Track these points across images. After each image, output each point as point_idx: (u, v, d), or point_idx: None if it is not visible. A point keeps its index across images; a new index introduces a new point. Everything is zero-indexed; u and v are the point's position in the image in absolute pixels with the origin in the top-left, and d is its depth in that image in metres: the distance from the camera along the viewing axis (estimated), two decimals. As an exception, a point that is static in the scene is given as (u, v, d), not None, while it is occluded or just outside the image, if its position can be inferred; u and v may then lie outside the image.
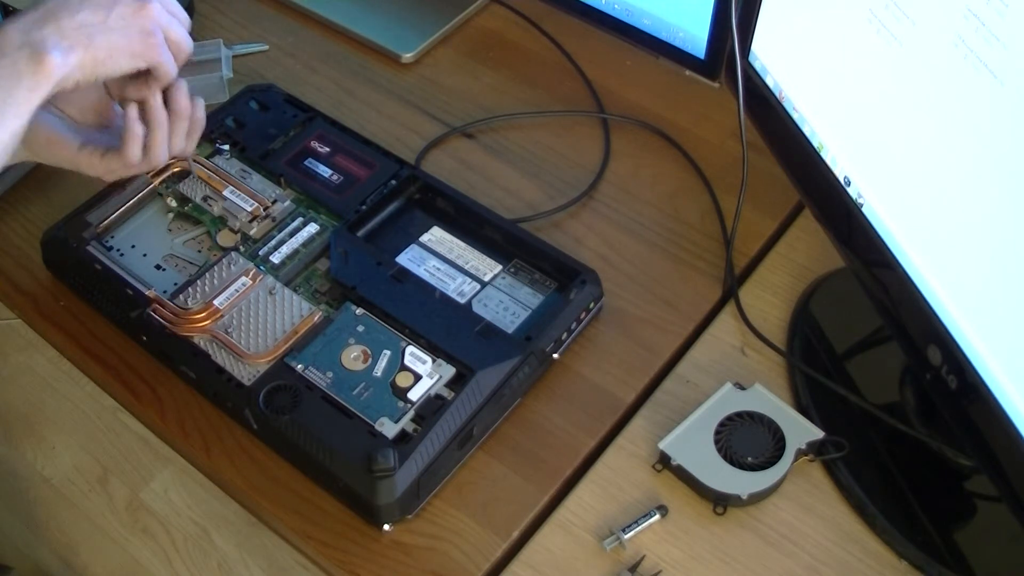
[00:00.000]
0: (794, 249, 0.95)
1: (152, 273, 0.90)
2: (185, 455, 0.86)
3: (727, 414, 0.81)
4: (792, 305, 0.90)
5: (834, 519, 0.78)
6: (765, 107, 0.88)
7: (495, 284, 0.89)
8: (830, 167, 0.81)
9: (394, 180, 0.95)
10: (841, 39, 0.76)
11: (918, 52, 0.68)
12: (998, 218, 0.63)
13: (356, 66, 1.13)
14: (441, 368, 0.81)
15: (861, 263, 0.81)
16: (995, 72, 0.61)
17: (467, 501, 0.80)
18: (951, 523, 0.78)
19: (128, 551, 1.38)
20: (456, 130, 1.06)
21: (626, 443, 0.83)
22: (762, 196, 0.96)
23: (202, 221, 0.93)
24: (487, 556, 0.77)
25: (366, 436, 0.77)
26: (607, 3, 1.03)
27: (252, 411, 0.80)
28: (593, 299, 0.88)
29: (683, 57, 1.00)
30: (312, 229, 0.92)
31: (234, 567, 1.34)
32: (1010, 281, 0.63)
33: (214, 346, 0.84)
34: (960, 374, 0.69)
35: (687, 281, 0.93)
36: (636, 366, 0.87)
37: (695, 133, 1.04)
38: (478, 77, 1.12)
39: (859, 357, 0.90)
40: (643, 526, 0.78)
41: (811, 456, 0.80)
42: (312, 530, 0.79)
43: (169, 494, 1.40)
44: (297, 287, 0.88)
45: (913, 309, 0.73)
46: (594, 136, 1.05)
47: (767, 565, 0.76)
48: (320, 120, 1.00)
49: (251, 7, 1.20)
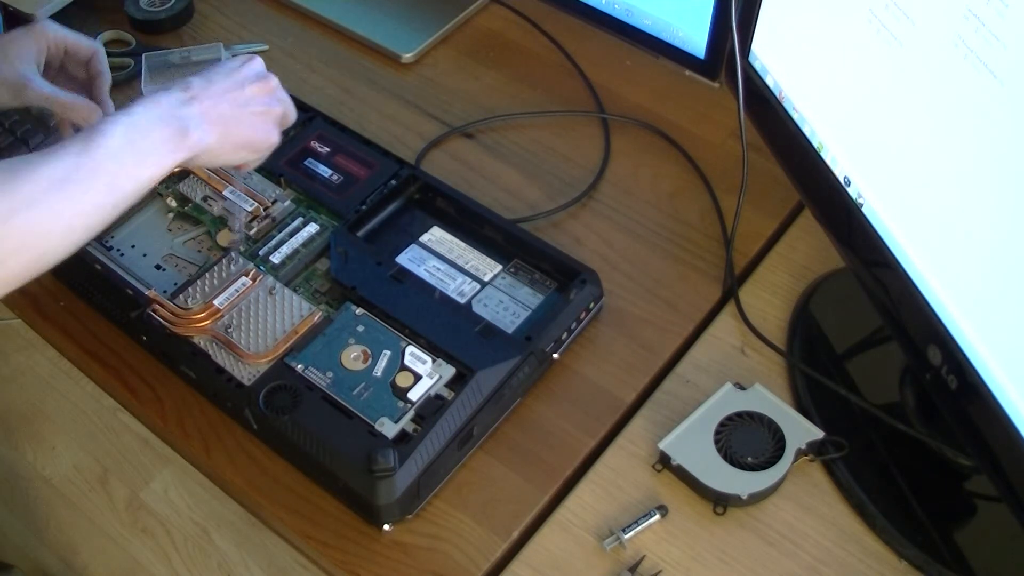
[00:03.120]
0: (794, 249, 0.95)
1: (152, 273, 0.90)
2: (185, 455, 0.86)
3: (727, 414, 0.81)
4: (792, 305, 0.90)
5: (834, 519, 0.78)
6: (765, 107, 0.88)
7: (495, 284, 0.89)
8: (830, 167, 0.81)
9: (394, 180, 0.95)
10: (841, 39, 0.76)
11: (918, 52, 0.68)
12: (998, 218, 0.63)
13: (356, 66, 1.13)
14: (441, 368, 0.81)
15: (861, 263, 0.81)
16: (995, 72, 0.61)
17: (467, 501, 0.80)
18: (951, 523, 0.78)
19: (128, 551, 1.38)
20: (456, 130, 1.06)
21: (626, 443, 0.83)
22: (762, 196, 0.96)
23: (202, 221, 0.93)
24: (487, 556, 0.77)
25: (366, 436, 0.77)
26: (607, 3, 1.03)
27: (252, 411, 0.80)
28: (593, 299, 0.88)
29: (683, 57, 1.00)
30: (312, 229, 0.92)
31: (234, 567, 1.34)
32: (1010, 281, 0.63)
33: (214, 346, 0.84)
34: (960, 374, 0.69)
35: (687, 281, 0.93)
36: (636, 366, 0.87)
37: (695, 133, 1.04)
38: (478, 77, 1.12)
39: (859, 357, 0.90)
40: (643, 526, 0.78)
41: (811, 456, 0.80)
42: (312, 530, 0.79)
43: (169, 494, 1.41)
44: (297, 287, 0.88)
45: (913, 309, 0.73)
46: (594, 136, 1.05)
47: (767, 565, 0.76)
48: (320, 120, 1.00)
49: (251, 7, 1.20)
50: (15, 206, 0.64)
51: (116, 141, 0.69)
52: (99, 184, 0.69)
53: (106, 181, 0.69)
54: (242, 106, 0.79)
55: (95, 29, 1.15)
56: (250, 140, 0.80)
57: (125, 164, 0.70)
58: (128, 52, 1.14)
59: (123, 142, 0.70)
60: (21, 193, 0.64)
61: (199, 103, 0.76)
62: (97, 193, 0.69)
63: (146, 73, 1.08)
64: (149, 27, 1.16)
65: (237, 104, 0.79)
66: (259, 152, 0.83)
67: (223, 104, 0.78)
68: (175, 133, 0.73)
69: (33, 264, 0.66)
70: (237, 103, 0.79)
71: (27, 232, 0.65)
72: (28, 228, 0.65)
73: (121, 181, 0.70)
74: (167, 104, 0.74)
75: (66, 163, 0.67)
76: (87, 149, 0.68)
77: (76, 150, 0.68)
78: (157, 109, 0.73)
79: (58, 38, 0.84)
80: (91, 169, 0.68)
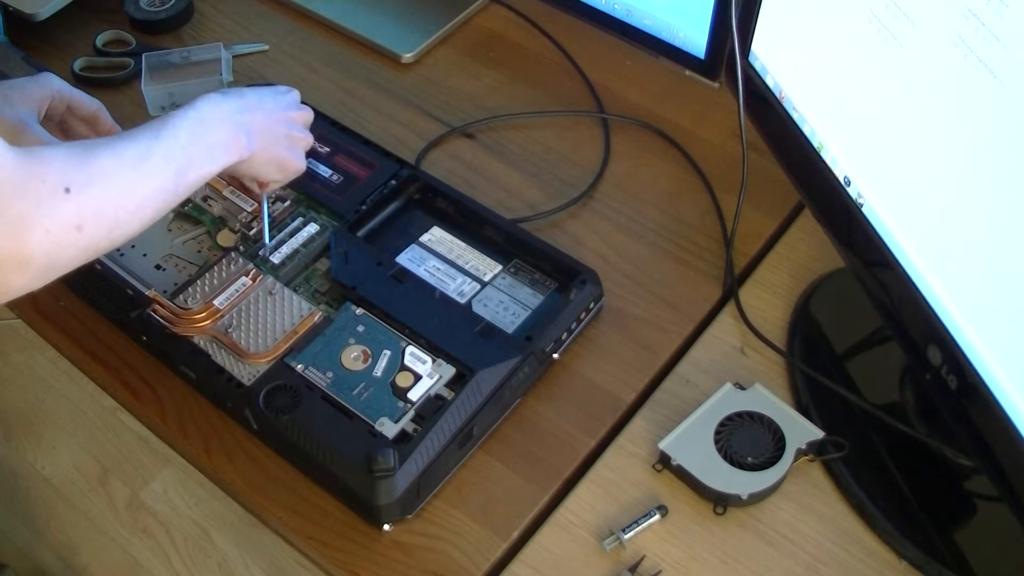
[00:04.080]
0: (794, 249, 0.95)
1: (152, 273, 0.90)
2: (185, 455, 0.86)
3: (727, 414, 0.81)
4: (792, 305, 0.90)
5: (834, 519, 0.78)
6: (765, 107, 0.88)
7: (495, 284, 0.89)
8: (830, 167, 0.81)
9: (394, 180, 0.95)
10: (841, 39, 0.76)
11: (918, 52, 0.68)
12: (998, 218, 0.63)
13: (356, 66, 1.13)
14: (441, 368, 0.81)
15: (861, 263, 0.81)
16: (995, 72, 0.61)
17: (467, 501, 0.80)
18: (951, 523, 0.78)
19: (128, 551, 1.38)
20: (456, 130, 1.06)
21: (626, 443, 0.83)
22: (762, 196, 0.96)
23: (202, 221, 0.93)
24: (487, 556, 0.77)
25: (366, 436, 0.77)
26: (607, 3, 1.03)
27: (252, 411, 0.80)
28: (593, 299, 0.88)
29: (683, 57, 1.00)
30: (312, 229, 0.92)
31: (234, 567, 1.34)
32: (1010, 281, 0.63)
33: (214, 346, 0.84)
34: (960, 374, 0.69)
35: (687, 281, 0.93)
36: (636, 366, 0.87)
37: (695, 133, 1.04)
38: (478, 77, 1.12)
39: (859, 357, 0.90)
40: (643, 526, 0.78)
41: (811, 456, 0.80)
42: (312, 530, 0.79)
43: (169, 494, 1.41)
44: (297, 287, 0.88)
45: (913, 309, 0.73)
46: (594, 136, 1.05)
47: (767, 565, 0.76)
48: (320, 120, 1.00)
49: (251, 7, 1.20)
50: (92, 178, 0.68)
51: (185, 134, 0.75)
52: (169, 169, 0.73)
53: (175, 168, 0.73)
54: (285, 128, 0.85)
55: (95, 29, 1.15)
56: (284, 161, 0.85)
57: (192, 156, 0.75)
58: (128, 52, 1.14)
59: (192, 136, 0.75)
60: (98, 167, 0.68)
61: (251, 114, 0.81)
62: (166, 178, 0.73)
63: (146, 73, 1.08)
64: (149, 27, 1.16)
65: (281, 125, 0.84)
66: (286, 173, 0.87)
67: (271, 122, 0.83)
68: (233, 136, 0.79)
69: (107, 234, 0.69)
70: (281, 124, 0.84)
71: (104, 202, 0.68)
72: (105, 198, 0.68)
73: (186, 170, 0.75)
74: (228, 108, 0.79)
75: (139, 146, 0.72)
76: (159, 137, 0.73)
77: (149, 135, 0.73)
78: (219, 111, 0.78)
79: (63, 92, 0.85)
80: (163, 155, 0.73)
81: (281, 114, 0.85)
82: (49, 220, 0.64)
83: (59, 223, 0.65)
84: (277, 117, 0.84)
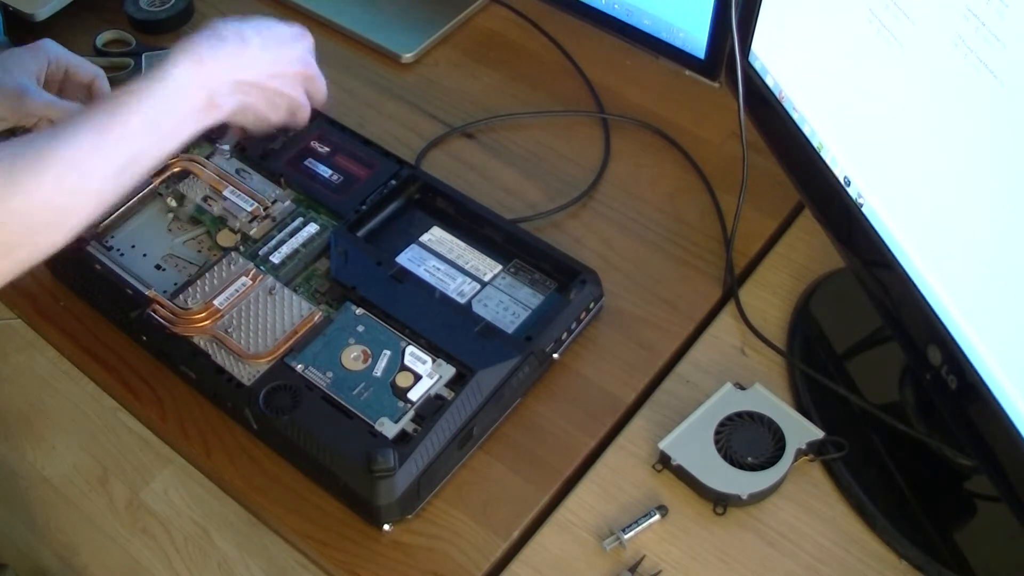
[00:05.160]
0: (794, 249, 0.95)
1: (152, 273, 0.90)
2: (185, 455, 0.86)
3: (727, 414, 0.81)
4: (792, 305, 0.90)
5: (834, 519, 0.78)
6: (765, 107, 0.88)
7: (495, 284, 0.89)
8: (830, 167, 0.81)
9: (394, 180, 0.95)
10: (841, 39, 0.76)
11: (918, 52, 0.68)
12: (998, 218, 0.63)
13: (356, 66, 1.13)
14: (441, 368, 0.81)
15: (861, 263, 0.81)
16: (995, 72, 0.61)
17: (467, 501, 0.80)
18: (951, 523, 0.78)
19: (128, 551, 1.38)
20: (456, 130, 1.06)
21: (626, 443, 0.83)
22: (762, 196, 0.96)
23: (202, 221, 0.93)
24: (487, 556, 0.77)
25: (366, 436, 0.77)
26: (607, 3, 1.03)
27: (252, 411, 0.80)
28: (593, 299, 0.88)
29: (683, 57, 1.00)
30: (312, 229, 0.92)
31: (234, 567, 1.34)
32: (1010, 281, 0.63)
33: (214, 346, 0.84)
34: (960, 374, 0.69)
35: (687, 281, 0.93)
36: (636, 366, 0.87)
37: (695, 133, 1.04)
38: (478, 77, 1.12)
39: (859, 357, 0.90)
40: (643, 526, 0.78)
41: (811, 456, 0.80)
42: (312, 530, 0.79)
43: (169, 494, 1.40)
44: (297, 287, 0.88)
45: (913, 309, 0.73)
46: (594, 136, 1.05)
47: (767, 565, 0.76)
48: (320, 120, 1.00)
49: (251, 7, 1.20)
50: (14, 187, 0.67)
51: (138, 119, 0.73)
52: (110, 167, 0.72)
53: (118, 164, 0.72)
54: (276, 86, 0.83)
55: (95, 29, 1.15)
56: (276, 110, 0.84)
57: (151, 136, 0.74)
58: (128, 52, 1.13)
59: (149, 120, 0.74)
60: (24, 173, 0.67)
61: (230, 74, 0.78)
62: (121, 157, 0.72)
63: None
64: (149, 27, 1.16)
65: (272, 82, 0.82)
66: (265, 125, 0.85)
67: (251, 71, 0.80)
68: (204, 103, 0.77)
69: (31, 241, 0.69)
70: (272, 81, 0.82)
71: (61, 192, 0.69)
72: (64, 188, 0.69)
73: (145, 152, 0.74)
74: (199, 74, 0.76)
75: (89, 138, 0.71)
76: (111, 123, 0.72)
77: (99, 123, 0.71)
78: (189, 75, 0.76)
79: (60, 58, 0.85)
80: (117, 138, 0.72)
81: (272, 69, 0.82)
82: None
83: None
84: (269, 73, 0.82)
